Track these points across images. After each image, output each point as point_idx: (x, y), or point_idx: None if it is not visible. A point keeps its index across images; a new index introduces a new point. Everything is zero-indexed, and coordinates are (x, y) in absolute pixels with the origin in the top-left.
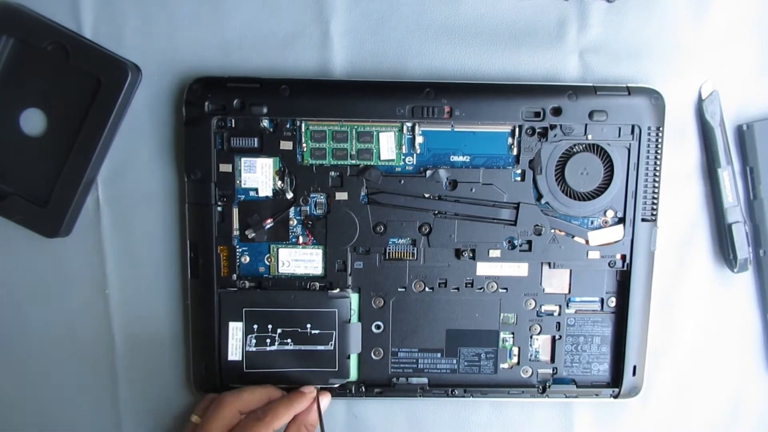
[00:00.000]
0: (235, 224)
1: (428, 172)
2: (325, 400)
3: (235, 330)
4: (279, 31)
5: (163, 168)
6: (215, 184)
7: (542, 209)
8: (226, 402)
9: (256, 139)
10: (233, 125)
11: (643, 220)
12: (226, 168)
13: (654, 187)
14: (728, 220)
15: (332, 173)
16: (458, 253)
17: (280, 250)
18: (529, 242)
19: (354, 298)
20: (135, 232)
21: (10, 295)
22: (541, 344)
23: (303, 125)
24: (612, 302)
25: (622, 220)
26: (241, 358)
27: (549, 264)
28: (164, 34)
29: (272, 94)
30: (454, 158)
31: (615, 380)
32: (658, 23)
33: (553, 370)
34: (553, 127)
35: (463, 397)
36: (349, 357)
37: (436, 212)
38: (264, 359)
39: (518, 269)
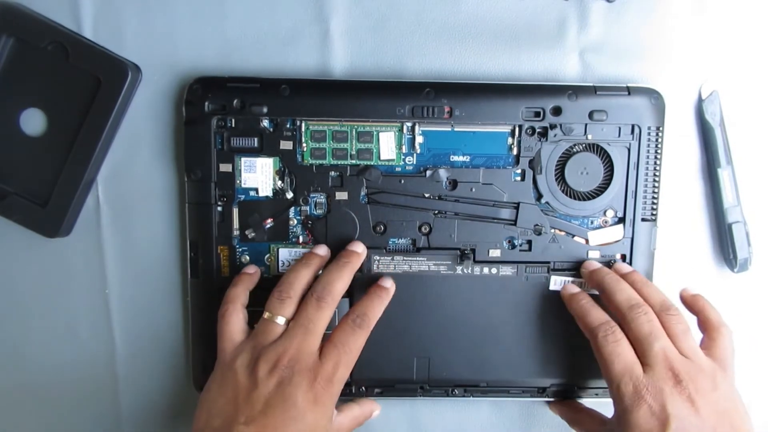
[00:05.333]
0: (235, 224)
1: (428, 172)
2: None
3: None
4: (279, 30)
5: (163, 168)
6: (215, 184)
7: (542, 209)
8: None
9: (256, 139)
10: (233, 125)
11: (643, 219)
12: (226, 168)
13: (654, 187)
14: (728, 220)
15: (332, 173)
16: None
17: (280, 250)
18: (529, 242)
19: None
20: (135, 232)
21: (10, 295)
22: None
23: (303, 125)
24: None
25: (622, 220)
26: None
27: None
28: (164, 34)
29: (272, 94)
30: (454, 158)
31: None
32: (658, 23)
33: None
34: (553, 126)
35: (463, 397)
36: None
37: (436, 212)
38: None
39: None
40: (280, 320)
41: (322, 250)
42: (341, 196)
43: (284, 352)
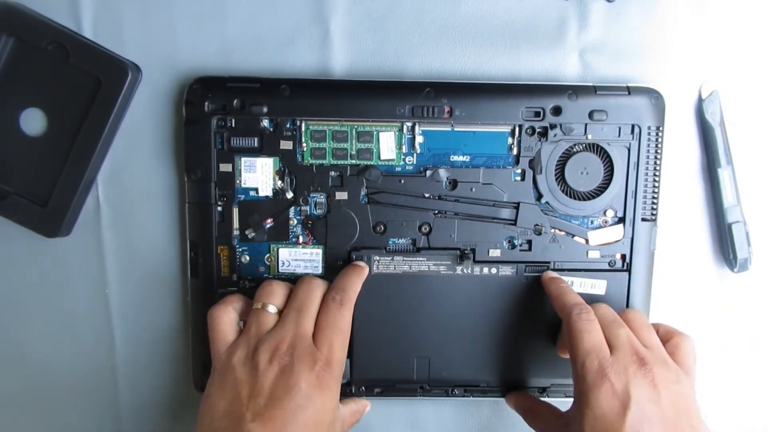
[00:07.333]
0: (235, 224)
1: (428, 172)
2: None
3: None
4: (279, 30)
5: (163, 168)
6: (215, 184)
7: (542, 209)
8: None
9: (256, 139)
10: (233, 125)
11: (643, 219)
12: (226, 168)
13: (654, 186)
14: (728, 220)
15: (332, 173)
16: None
17: (280, 249)
18: (529, 242)
19: None
20: (135, 232)
21: (10, 295)
22: None
23: (303, 125)
24: None
25: (622, 220)
26: None
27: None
28: (164, 34)
29: (272, 94)
30: (454, 158)
31: None
32: (658, 23)
33: None
34: (553, 126)
35: (463, 396)
36: (349, 357)
37: (436, 212)
38: None
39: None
40: (272, 309)
41: None
42: (341, 196)
43: (282, 338)
